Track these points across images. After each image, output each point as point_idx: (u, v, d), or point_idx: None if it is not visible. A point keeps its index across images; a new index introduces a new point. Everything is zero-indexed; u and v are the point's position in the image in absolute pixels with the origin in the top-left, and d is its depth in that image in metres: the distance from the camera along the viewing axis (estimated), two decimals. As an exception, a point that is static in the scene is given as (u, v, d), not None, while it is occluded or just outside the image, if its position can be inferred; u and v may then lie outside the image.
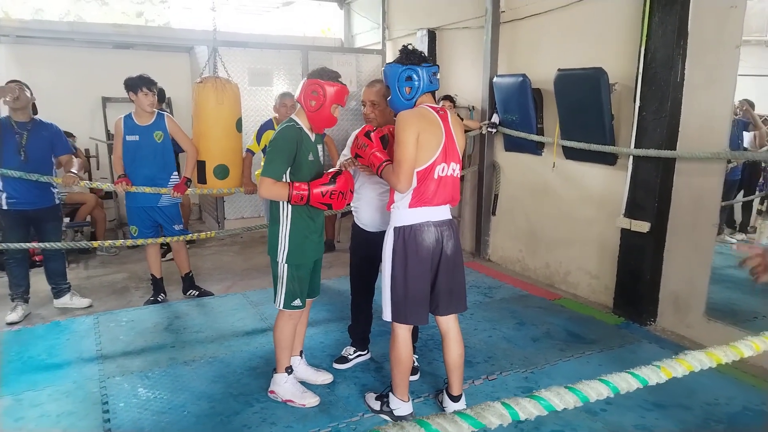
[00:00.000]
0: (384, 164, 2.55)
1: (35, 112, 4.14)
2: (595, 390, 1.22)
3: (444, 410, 2.84)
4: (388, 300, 2.62)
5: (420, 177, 2.48)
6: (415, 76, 2.52)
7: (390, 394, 2.77)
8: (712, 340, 1.39)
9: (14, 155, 3.94)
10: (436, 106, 2.58)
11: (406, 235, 2.54)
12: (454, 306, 2.72)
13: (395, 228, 2.58)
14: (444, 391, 2.88)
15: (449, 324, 2.75)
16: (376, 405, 2.86)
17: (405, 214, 2.55)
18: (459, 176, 2.65)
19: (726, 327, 3.57)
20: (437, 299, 2.66)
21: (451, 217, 2.67)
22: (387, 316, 2.65)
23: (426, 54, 2.62)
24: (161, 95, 5.75)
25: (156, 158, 4.18)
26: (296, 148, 2.68)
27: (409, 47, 2.58)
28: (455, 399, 2.80)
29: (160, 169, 4.21)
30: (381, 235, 3.08)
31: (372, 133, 2.64)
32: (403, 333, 2.66)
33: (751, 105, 5.19)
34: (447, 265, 2.63)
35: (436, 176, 2.51)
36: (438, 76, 2.61)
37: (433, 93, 2.64)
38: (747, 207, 5.72)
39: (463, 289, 2.76)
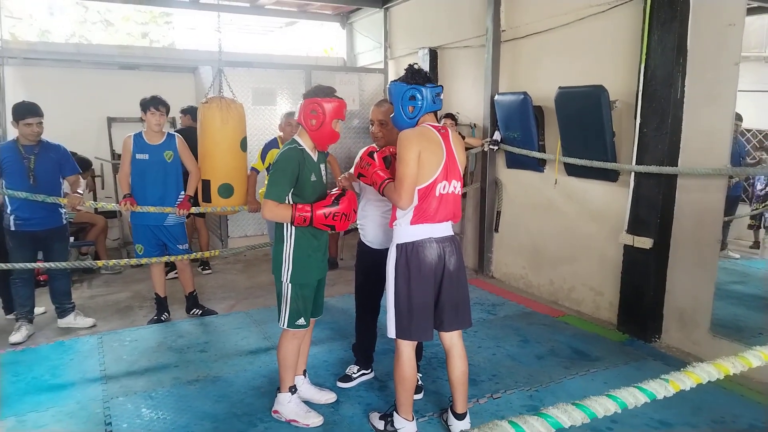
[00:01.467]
0: (386, 182, 2.59)
1: None
2: (603, 406, 1.21)
3: (449, 429, 2.82)
4: (392, 316, 2.63)
5: (421, 194, 2.51)
6: (418, 95, 2.55)
7: (394, 413, 2.76)
8: (717, 357, 1.38)
9: (24, 180, 3.98)
10: (437, 125, 2.61)
11: (408, 251, 2.56)
12: (458, 322, 2.71)
13: (397, 245, 2.60)
14: (449, 409, 2.86)
15: (453, 340, 2.74)
16: (380, 424, 2.84)
17: (407, 230, 2.57)
18: (460, 193, 2.67)
19: (731, 343, 3.55)
20: (441, 315, 2.66)
21: (453, 234, 2.68)
22: (391, 333, 2.65)
23: (430, 74, 2.65)
24: (194, 113, 5.73)
25: (165, 177, 4.22)
26: (299, 170, 2.70)
27: (415, 66, 2.61)
28: (460, 417, 2.78)
29: (169, 189, 4.24)
30: (386, 252, 3.09)
31: (375, 154, 2.68)
32: (407, 351, 2.66)
33: None
34: (449, 281, 2.63)
35: (437, 194, 2.54)
36: (441, 97, 2.64)
37: (435, 113, 2.67)
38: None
39: (467, 304, 2.75)
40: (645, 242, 3.89)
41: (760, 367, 1.40)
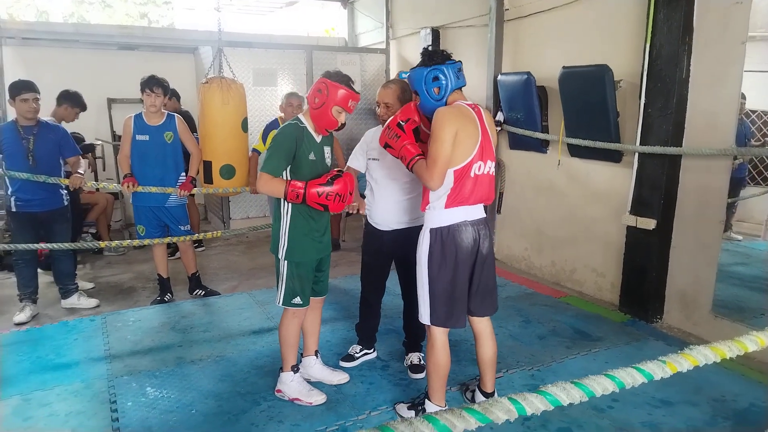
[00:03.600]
0: (416, 158, 2.46)
1: None
2: (601, 385, 1.23)
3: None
4: (427, 303, 2.56)
5: (457, 176, 2.42)
6: (441, 75, 2.48)
7: (426, 401, 2.71)
8: (718, 337, 1.39)
9: (23, 161, 3.96)
10: (470, 102, 2.55)
11: (444, 235, 2.49)
12: (488, 306, 2.69)
13: (431, 229, 2.52)
14: (476, 389, 2.88)
15: (484, 323, 2.75)
16: (410, 414, 2.78)
17: (442, 214, 2.50)
18: (494, 174, 2.60)
19: (733, 324, 3.56)
20: (473, 299, 2.63)
21: (485, 216, 2.62)
22: (426, 318, 2.59)
23: (446, 51, 2.56)
24: (175, 96, 5.75)
25: (165, 158, 4.20)
26: (296, 146, 2.69)
27: (429, 48, 2.55)
28: (489, 396, 2.81)
29: (169, 169, 4.23)
30: (392, 233, 3.09)
31: (404, 124, 2.53)
32: (441, 336, 2.60)
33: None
34: (482, 265, 2.59)
35: (472, 175, 2.46)
36: (463, 72, 2.56)
37: (461, 89, 2.57)
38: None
39: (495, 288, 2.73)
40: (648, 223, 3.89)
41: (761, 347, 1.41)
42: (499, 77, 5.17)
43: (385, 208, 3.07)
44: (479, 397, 2.84)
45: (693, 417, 2.81)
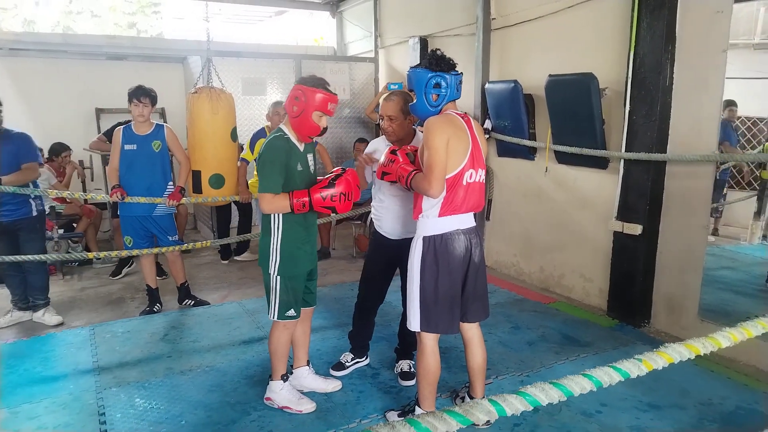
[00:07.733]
0: (413, 173, 2.50)
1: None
2: (579, 384, 1.25)
3: None
4: (417, 310, 2.56)
5: (449, 184, 2.44)
6: (443, 83, 2.45)
7: (416, 407, 2.71)
8: (703, 341, 1.42)
9: None
10: (460, 112, 2.56)
11: (437, 244, 2.50)
12: (479, 313, 2.71)
13: (424, 237, 2.53)
14: (467, 395, 2.89)
15: (473, 330, 2.76)
16: None
17: (435, 223, 2.51)
18: (484, 182, 2.63)
19: (719, 327, 3.58)
20: (465, 306, 2.64)
21: (475, 224, 2.64)
22: (416, 326, 2.59)
23: (453, 60, 2.53)
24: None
25: (153, 167, 4.18)
26: (286, 158, 2.67)
27: (438, 52, 2.50)
28: None
29: (157, 179, 4.21)
30: (401, 242, 3.09)
31: (397, 151, 2.63)
32: (430, 343, 2.60)
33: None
34: (474, 272, 2.60)
35: (464, 183, 2.48)
36: (462, 84, 2.56)
37: (455, 101, 2.58)
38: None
39: (486, 294, 2.75)
40: (634, 228, 3.93)
41: (746, 350, 1.44)
42: (487, 85, 5.22)
43: (395, 218, 3.06)
44: None
45: (680, 420, 2.83)
